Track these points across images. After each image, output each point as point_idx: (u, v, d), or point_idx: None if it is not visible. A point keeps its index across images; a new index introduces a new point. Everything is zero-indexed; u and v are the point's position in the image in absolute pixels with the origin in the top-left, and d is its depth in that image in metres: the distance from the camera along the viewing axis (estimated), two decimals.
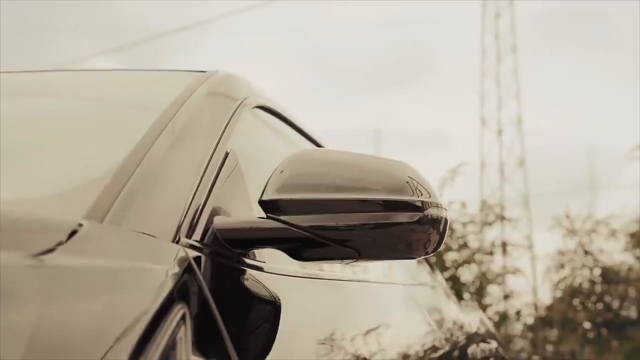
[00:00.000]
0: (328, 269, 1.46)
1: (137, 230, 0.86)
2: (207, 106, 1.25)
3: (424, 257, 1.06)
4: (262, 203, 1.00)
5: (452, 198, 9.70)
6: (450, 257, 9.58)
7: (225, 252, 1.00)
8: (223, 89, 1.35)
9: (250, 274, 1.04)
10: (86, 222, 0.76)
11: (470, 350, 2.40)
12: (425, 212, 1.00)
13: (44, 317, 0.58)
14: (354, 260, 1.02)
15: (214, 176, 1.09)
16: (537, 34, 29.09)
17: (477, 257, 9.96)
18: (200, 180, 1.05)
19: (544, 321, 11.30)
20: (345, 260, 1.04)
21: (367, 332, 1.43)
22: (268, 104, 1.51)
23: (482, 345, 2.63)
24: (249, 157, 1.28)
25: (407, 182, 1.01)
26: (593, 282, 10.64)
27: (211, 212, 1.03)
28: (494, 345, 2.85)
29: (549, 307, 11.32)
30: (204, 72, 1.39)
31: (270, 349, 0.99)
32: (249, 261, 1.05)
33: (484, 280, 10.01)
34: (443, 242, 1.06)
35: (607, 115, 27.93)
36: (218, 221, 1.01)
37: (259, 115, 1.45)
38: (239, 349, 0.88)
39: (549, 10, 27.42)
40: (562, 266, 10.85)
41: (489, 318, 6.00)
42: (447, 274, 9.06)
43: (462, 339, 2.35)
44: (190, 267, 0.85)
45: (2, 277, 0.58)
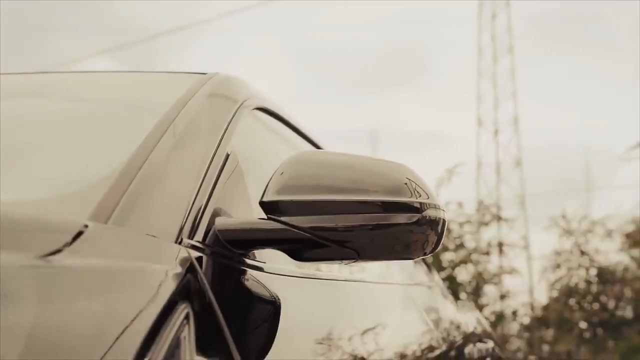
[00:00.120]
0: (325, 269, 1.47)
1: (141, 231, 0.88)
2: (208, 108, 1.26)
3: (422, 257, 1.08)
4: (263, 204, 1.01)
5: (449, 198, 9.72)
6: (446, 257, 9.58)
7: (226, 253, 1.02)
8: (223, 91, 1.36)
9: (250, 274, 1.05)
10: (91, 224, 0.77)
11: (467, 350, 2.42)
12: (424, 213, 1.01)
13: (52, 317, 0.59)
14: (353, 260, 1.03)
15: (215, 177, 1.10)
16: (533, 34, 29.14)
17: (474, 257, 9.96)
18: (202, 181, 1.06)
19: (540, 321, 11.31)
20: (344, 261, 1.05)
21: (365, 331, 1.44)
22: (267, 105, 1.52)
23: (479, 345, 2.64)
24: (249, 158, 1.29)
25: (406, 184, 1.02)
26: (589, 282, 10.65)
27: (212, 213, 1.04)
28: (490, 345, 2.86)
29: (545, 307, 11.32)
30: (204, 74, 1.40)
31: (270, 348, 1.00)
32: (249, 261, 1.07)
33: (480, 280, 10.01)
34: (441, 243, 1.07)
35: (604, 115, 27.99)
36: (219, 222, 1.02)
37: (258, 117, 1.46)
38: (239, 348, 0.89)
39: (545, 10, 27.46)
40: (558, 266, 10.85)
41: (486, 318, 6.02)
42: (443, 274, 9.07)
43: (459, 338, 2.37)
44: (192, 267, 0.86)
45: (11, 277, 0.59)
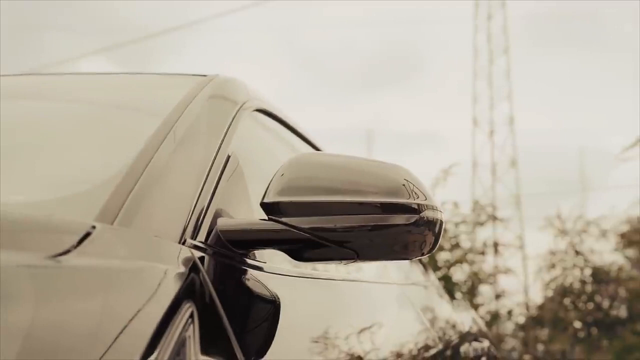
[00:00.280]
0: (322, 268, 1.49)
1: (146, 232, 0.89)
2: (209, 110, 1.27)
3: (419, 258, 1.09)
4: (264, 205, 1.02)
5: (445, 198, 9.74)
6: (442, 256, 9.60)
7: (227, 253, 1.03)
8: (224, 93, 1.37)
9: (251, 274, 1.07)
10: (99, 225, 0.79)
11: (462, 349, 2.43)
12: (421, 214, 1.02)
13: (63, 315, 0.61)
14: (353, 260, 1.05)
15: (216, 179, 1.11)
16: (529, 35, 29.21)
17: (469, 257, 9.98)
18: (204, 182, 1.08)
19: (535, 320, 11.34)
20: (343, 261, 1.06)
21: (362, 330, 1.46)
22: (266, 107, 1.54)
23: (475, 344, 2.66)
24: (249, 159, 1.31)
25: (404, 185, 1.04)
26: (584, 282, 10.69)
27: (214, 214, 1.05)
28: (486, 344, 2.88)
29: (540, 307, 11.36)
30: (204, 75, 1.41)
31: (269, 346, 1.01)
32: (250, 261, 1.08)
33: (475, 279, 10.04)
34: (438, 243, 1.09)
35: (599, 116, 28.08)
36: (221, 223, 1.04)
37: (257, 119, 1.47)
38: (241, 345, 0.91)
39: (541, 11, 27.53)
40: (553, 266, 10.88)
41: (481, 317, 6.03)
42: (439, 274, 9.09)
43: (454, 338, 2.38)
44: (196, 267, 0.88)
45: (23, 277, 0.61)
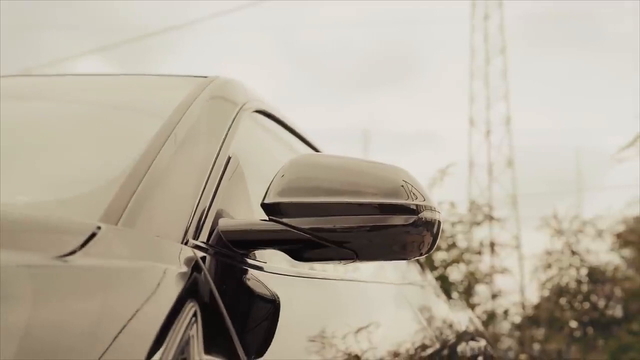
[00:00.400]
0: (320, 268, 1.50)
1: (149, 233, 0.91)
2: (210, 112, 1.28)
3: (418, 257, 1.11)
4: (264, 206, 1.04)
5: (441, 198, 9.76)
6: (439, 256, 9.62)
7: (229, 253, 1.05)
8: (224, 94, 1.38)
9: (251, 274, 1.08)
10: (104, 225, 0.80)
11: (459, 348, 2.45)
12: (420, 215, 1.03)
13: (71, 314, 0.62)
14: (352, 260, 1.06)
15: (217, 179, 1.13)
16: (526, 35, 29.27)
17: (466, 256, 10.00)
18: (205, 183, 1.09)
19: (531, 320, 11.37)
20: (343, 261, 1.07)
21: (360, 329, 1.47)
22: (265, 108, 1.55)
23: (472, 344, 2.67)
24: (249, 160, 1.32)
25: (402, 186, 1.05)
26: (579, 282, 10.71)
27: (216, 214, 1.07)
28: (482, 343, 2.90)
29: (536, 306, 11.38)
30: (205, 77, 1.43)
31: (269, 344, 1.03)
32: (250, 261, 1.10)
33: (472, 279, 10.05)
34: (436, 243, 1.10)
35: (595, 116, 28.13)
36: (222, 223, 1.05)
37: (257, 120, 1.49)
38: (242, 344, 0.92)
39: (538, 11, 27.59)
40: (549, 266, 10.91)
41: (477, 317, 6.05)
42: (436, 273, 9.11)
43: (451, 337, 2.40)
44: (198, 266, 0.89)
45: (31, 276, 0.62)
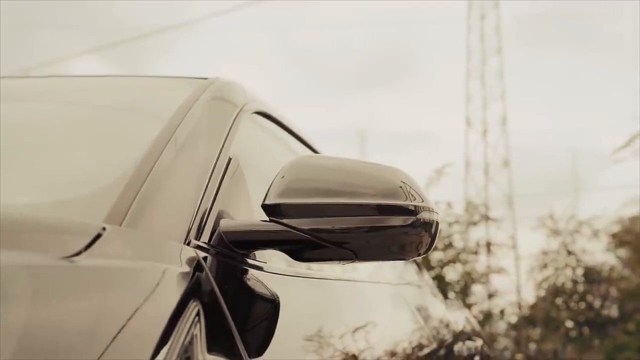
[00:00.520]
0: (317, 268, 1.51)
1: (152, 233, 0.92)
2: (211, 113, 1.30)
3: (416, 258, 1.12)
4: (265, 207, 1.05)
5: (438, 198, 9.77)
6: (435, 256, 9.64)
7: (230, 253, 1.06)
8: (224, 96, 1.39)
9: (252, 274, 1.09)
10: (108, 226, 0.81)
11: (456, 347, 2.47)
12: (418, 215, 1.05)
13: (78, 313, 0.63)
14: (351, 261, 1.07)
15: (218, 181, 1.14)
16: (522, 35, 29.32)
17: (462, 256, 10.03)
18: (207, 184, 1.10)
19: (527, 320, 11.40)
20: (342, 261, 1.09)
21: (358, 328, 1.49)
22: (264, 109, 1.56)
23: (468, 343, 2.69)
24: (249, 161, 1.33)
25: (401, 187, 1.06)
26: (575, 282, 10.75)
27: (217, 215, 1.08)
28: (479, 343, 2.91)
29: (532, 306, 11.41)
30: (205, 78, 1.44)
31: (269, 343, 1.04)
32: (251, 261, 1.11)
33: (468, 279, 10.08)
34: (434, 244, 1.11)
35: (591, 116, 28.21)
36: (224, 224, 1.06)
37: (257, 121, 1.50)
38: (243, 343, 0.94)
39: (534, 11, 27.66)
40: (545, 266, 10.94)
41: (474, 317, 6.06)
42: (432, 273, 9.13)
43: (448, 336, 2.41)
44: (200, 267, 0.91)
45: (39, 277, 0.64)
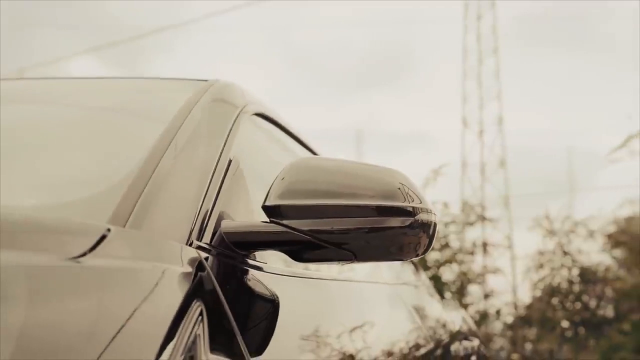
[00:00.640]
0: (315, 268, 1.53)
1: (156, 234, 0.93)
2: (211, 115, 1.31)
3: (414, 258, 1.14)
4: (265, 208, 1.06)
5: (434, 198, 9.79)
6: (432, 256, 9.66)
7: (231, 254, 1.07)
8: (224, 98, 1.40)
9: (252, 274, 1.11)
10: (113, 228, 0.83)
11: (453, 347, 2.48)
12: (416, 217, 1.06)
13: (86, 312, 0.65)
14: (351, 261, 1.09)
15: (219, 182, 1.15)
16: (518, 35, 29.35)
17: (459, 256, 10.05)
18: (208, 186, 1.12)
19: (523, 320, 11.42)
20: (342, 262, 1.10)
21: (356, 328, 1.50)
22: (264, 111, 1.58)
23: (465, 343, 2.71)
24: (249, 162, 1.35)
25: (399, 189, 1.08)
26: (571, 282, 10.77)
27: (218, 216, 1.10)
28: (476, 342, 2.93)
29: (528, 306, 11.43)
30: (205, 80, 1.45)
31: (269, 342, 1.06)
32: (251, 262, 1.12)
33: (464, 279, 10.10)
34: (432, 245, 1.13)
35: (587, 117, 28.25)
36: (225, 225, 1.08)
37: (256, 123, 1.51)
38: (245, 342, 0.95)
39: (531, 11, 27.70)
40: (541, 266, 10.96)
41: (470, 317, 6.08)
42: (429, 273, 9.15)
43: (445, 336, 2.43)
44: (202, 267, 0.92)
45: (47, 277, 0.65)
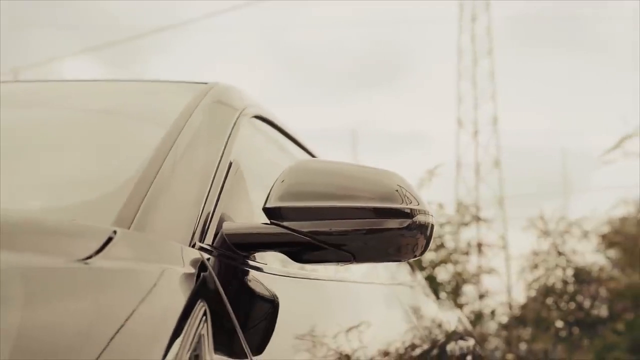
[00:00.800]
0: (311, 269, 1.54)
1: (159, 236, 0.95)
2: (212, 118, 1.33)
3: (412, 259, 1.16)
4: (266, 210, 1.08)
5: (429, 198, 9.81)
6: (427, 257, 9.68)
7: (232, 255, 1.09)
8: (224, 100, 1.42)
9: (253, 275, 1.13)
10: (119, 230, 0.84)
11: (449, 347, 2.50)
12: (414, 218, 1.08)
13: (95, 312, 0.66)
14: (349, 262, 1.11)
15: (220, 184, 1.17)
16: (513, 36, 29.43)
17: (454, 257, 10.08)
18: (210, 188, 1.14)
19: (517, 320, 11.45)
20: (341, 263, 1.12)
21: (354, 327, 1.52)
22: (263, 113, 1.59)
23: (461, 343, 2.73)
24: (249, 164, 1.37)
25: (397, 191, 1.10)
26: (565, 282, 10.81)
27: (220, 218, 1.12)
28: (471, 342, 2.95)
29: (523, 307, 11.47)
30: (205, 83, 1.47)
31: (271, 342, 1.07)
32: (251, 263, 1.14)
33: (459, 279, 10.13)
34: (429, 246, 1.15)
35: (582, 118, 28.35)
36: (226, 226, 1.09)
37: (255, 125, 1.53)
38: (247, 341, 0.97)
39: (525, 12, 27.73)
40: (535, 266, 10.99)
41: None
42: (424, 274, 9.17)
43: (441, 336, 2.45)
44: (205, 268, 0.94)
45: (58, 278, 0.67)
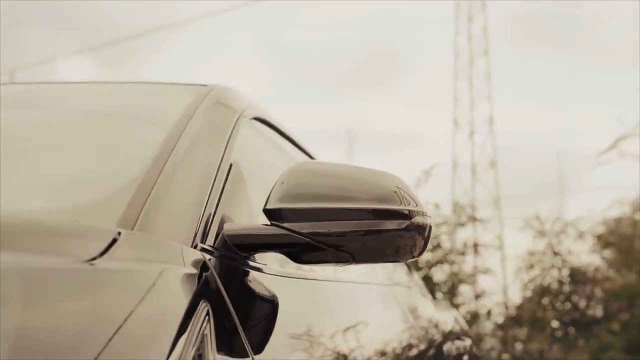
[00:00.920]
0: (309, 269, 1.56)
1: (162, 237, 0.96)
2: (212, 119, 1.34)
3: (410, 260, 1.17)
4: (266, 211, 1.10)
5: (425, 198, 9.81)
6: (423, 257, 9.70)
7: (233, 255, 1.10)
8: (224, 102, 1.43)
9: (253, 275, 1.14)
10: (123, 231, 0.86)
11: (446, 347, 2.52)
12: (412, 219, 1.10)
13: (101, 312, 0.68)
14: (348, 263, 1.12)
15: (221, 185, 1.19)
16: (509, 36, 29.51)
17: (450, 257, 10.09)
18: (211, 189, 1.15)
19: (513, 320, 11.47)
20: (340, 263, 1.13)
21: (352, 327, 1.54)
22: (262, 115, 1.61)
23: (457, 343, 2.74)
24: (249, 166, 1.38)
25: (395, 192, 1.11)
26: (561, 282, 10.84)
27: (221, 219, 1.13)
28: (468, 342, 2.97)
29: (519, 307, 11.48)
30: (205, 85, 1.48)
31: (272, 342, 1.09)
32: (252, 263, 1.16)
33: (456, 280, 10.15)
34: (427, 246, 1.16)
35: (577, 118, 28.42)
36: (227, 227, 1.11)
37: (255, 126, 1.54)
38: (248, 341, 0.98)
39: (522, 12, 27.83)
40: (531, 266, 11.01)
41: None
42: (420, 274, 9.19)
43: (438, 336, 2.46)
44: (207, 268, 0.95)
45: (64, 279, 0.68)
